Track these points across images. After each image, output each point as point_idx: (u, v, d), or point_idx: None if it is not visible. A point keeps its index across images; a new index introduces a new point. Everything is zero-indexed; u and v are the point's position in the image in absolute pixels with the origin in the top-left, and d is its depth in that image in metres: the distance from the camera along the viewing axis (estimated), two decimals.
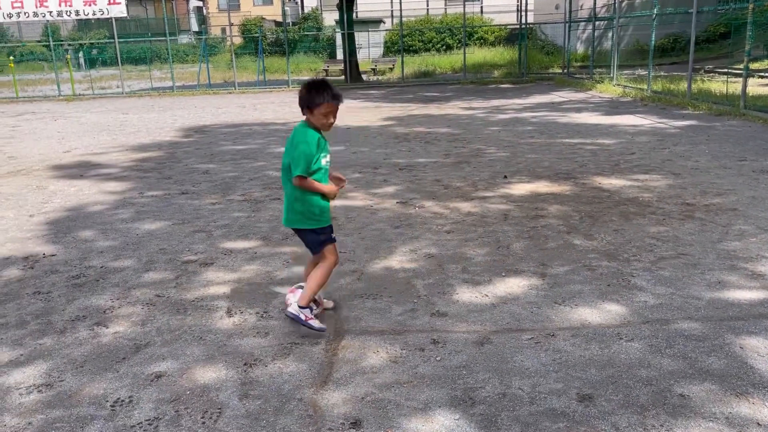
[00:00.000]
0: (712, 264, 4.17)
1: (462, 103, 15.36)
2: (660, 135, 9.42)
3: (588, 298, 3.74)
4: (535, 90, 17.97)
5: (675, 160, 7.53)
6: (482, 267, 4.33)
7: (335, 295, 3.92)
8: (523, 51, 21.81)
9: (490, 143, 9.38)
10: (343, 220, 5.56)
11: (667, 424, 2.49)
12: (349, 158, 8.57)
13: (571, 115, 12.12)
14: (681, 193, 6.01)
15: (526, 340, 3.24)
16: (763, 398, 2.62)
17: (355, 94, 19.20)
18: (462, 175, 7.26)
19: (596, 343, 3.17)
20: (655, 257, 4.35)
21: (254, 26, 34.60)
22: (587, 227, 5.10)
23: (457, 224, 5.34)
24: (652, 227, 5.02)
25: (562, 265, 4.30)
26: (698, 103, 11.96)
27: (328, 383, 2.91)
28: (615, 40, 16.81)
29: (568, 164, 7.60)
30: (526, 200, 6.03)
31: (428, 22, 32.79)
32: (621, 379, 2.83)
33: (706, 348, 3.06)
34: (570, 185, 6.55)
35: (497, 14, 32.39)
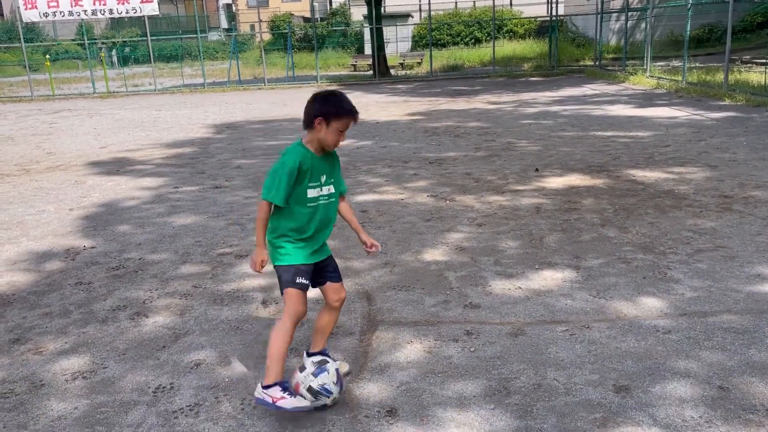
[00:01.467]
0: (751, 257, 4.09)
1: (491, 96, 15.25)
2: (696, 127, 9.24)
3: (623, 290, 3.71)
4: (566, 83, 17.74)
5: (711, 152, 7.38)
6: (515, 259, 4.31)
7: (368, 287, 3.95)
8: (554, 43, 21.53)
9: (521, 136, 9.31)
10: (374, 214, 5.58)
11: (706, 415, 2.46)
12: (378, 152, 8.59)
13: (603, 108, 11.95)
14: (718, 186, 5.89)
15: (560, 332, 3.23)
16: None
17: (384, 88, 19.21)
18: (493, 168, 7.23)
19: (632, 335, 3.14)
20: (692, 250, 4.28)
21: (283, 22, 34.81)
22: (622, 220, 5.04)
23: (488, 217, 5.32)
24: (689, 220, 4.94)
25: (596, 257, 4.26)
26: (735, 95, 11.68)
27: (363, 372, 2.94)
28: (648, 30, 16.48)
29: (601, 157, 7.51)
30: (558, 193, 5.98)
31: (457, 15, 32.59)
32: (658, 371, 2.80)
33: (746, 341, 3.01)
34: (603, 178, 6.47)
35: (527, 6, 32.01)
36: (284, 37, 28.58)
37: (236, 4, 50.20)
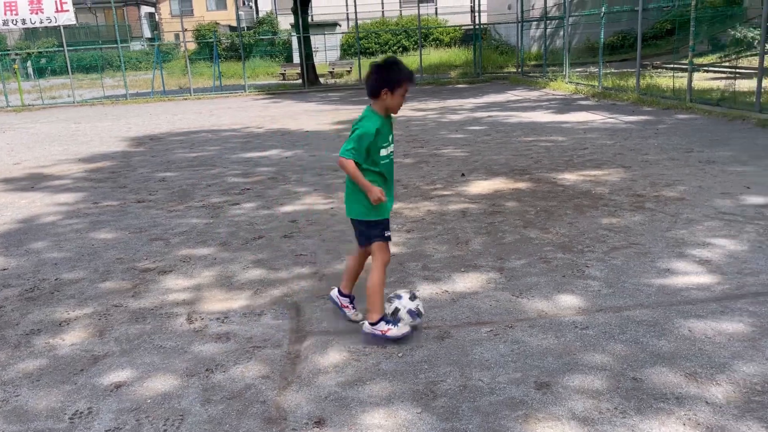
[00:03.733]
0: (662, 252, 4.32)
1: (419, 103, 15.48)
2: (611, 130, 9.69)
3: (544, 289, 3.84)
4: (491, 89, 18.23)
5: (626, 154, 7.76)
6: (442, 264, 4.39)
7: (296, 298, 3.92)
8: (478, 51, 22.11)
9: (448, 142, 9.49)
10: (303, 223, 5.55)
11: (621, 406, 2.58)
12: (308, 161, 8.55)
13: (525, 113, 12.36)
14: (632, 185, 6.20)
15: (485, 333, 3.31)
16: (710, 378, 2.74)
17: (313, 97, 19.16)
18: (421, 174, 7.34)
19: (552, 333, 3.26)
20: (607, 248, 4.48)
21: (208, 31, 34.15)
22: (543, 221, 5.22)
23: (416, 223, 5.39)
24: (605, 219, 5.17)
25: (519, 258, 4.40)
26: (647, 98, 12.33)
27: (291, 384, 2.91)
28: (566, 38, 17.18)
29: (524, 161, 7.75)
30: (484, 197, 6.13)
31: (384, 24, 32.93)
32: (577, 366, 2.92)
33: (657, 332, 3.18)
34: (526, 181, 6.68)
35: (451, 15, 32.74)
36: (210, 46, 28.04)
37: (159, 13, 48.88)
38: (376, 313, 3.17)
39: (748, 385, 2.66)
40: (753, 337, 3.06)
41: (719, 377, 2.73)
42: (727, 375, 2.74)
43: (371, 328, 3.18)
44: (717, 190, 5.81)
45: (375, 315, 3.17)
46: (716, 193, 5.71)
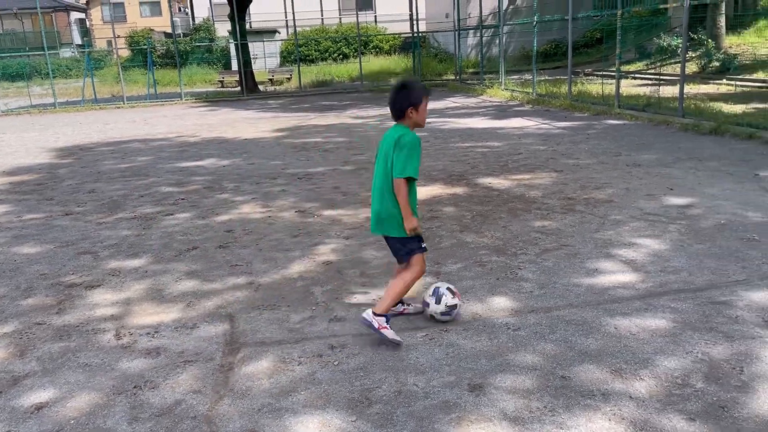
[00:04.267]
0: (590, 253, 4.46)
1: (359, 111, 15.52)
2: (544, 135, 9.96)
3: (479, 292, 3.90)
4: (431, 96, 18.44)
5: (558, 159, 7.99)
6: (380, 270, 4.39)
7: (230, 309, 3.84)
8: (417, 59, 22.37)
9: None
10: (240, 233, 5.46)
11: (550, 405, 2.64)
12: (245, 170, 8.43)
13: (463, 120, 12.57)
14: (563, 189, 6.38)
15: (420, 338, 3.33)
16: (634, 373, 2.84)
17: (252, 104, 18.92)
18: (361, 181, 7.34)
19: (486, 335, 3.31)
20: (539, 250, 4.60)
21: (142, 38, 33.25)
22: (478, 225, 5.31)
23: (355, 230, 5.39)
24: (537, 222, 5.30)
25: (455, 262, 4.45)
26: (579, 104, 12.76)
27: (223, 398, 2.85)
28: (501, 46, 17.61)
29: (461, 167, 7.87)
30: (422, 203, 6.18)
31: (323, 31, 32.88)
32: (509, 366, 2.97)
33: (585, 331, 3.28)
34: (463, 186, 6.79)
35: (390, 23, 33.02)
36: (144, 53, 27.31)
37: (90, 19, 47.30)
38: (382, 309, 3.27)
39: (670, 379, 2.77)
40: (674, 332, 3.19)
41: (643, 372, 2.84)
42: (650, 370, 2.85)
43: (372, 318, 3.24)
44: (642, 191, 6.05)
45: (380, 309, 3.27)
46: (642, 194, 5.94)
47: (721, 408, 2.53)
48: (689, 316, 3.36)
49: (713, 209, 5.29)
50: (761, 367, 2.81)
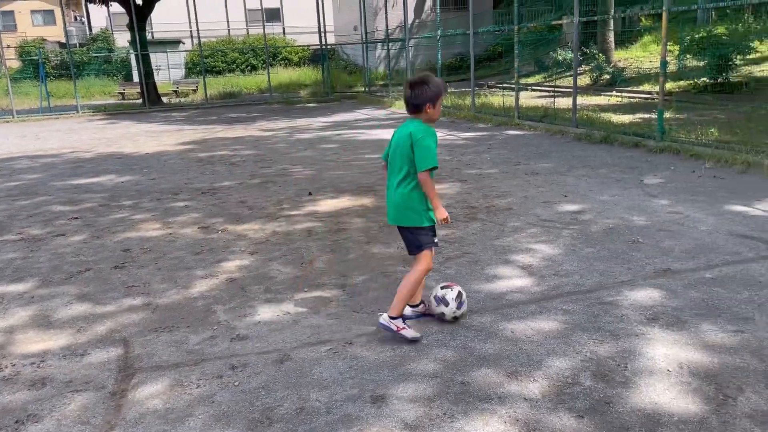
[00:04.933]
0: (490, 259, 4.61)
1: (268, 123, 15.33)
2: (450, 146, 10.23)
3: (384, 303, 3.92)
4: (340, 108, 18.53)
5: (462, 169, 8.22)
6: (285, 285, 4.34)
7: (124, 333, 3.66)
8: (326, 71, 22.41)
9: (296, 162, 9.47)
10: (137, 252, 5.23)
11: (450, 411, 2.69)
12: (146, 186, 8.10)
13: (372, 132, 12.69)
14: (467, 198, 6.57)
15: (325, 352, 3.31)
16: (528, 376, 2.95)
17: (155, 117, 18.25)
18: (267, 195, 7.24)
19: (389, 345, 3.34)
20: (443, 258, 4.70)
21: (34, 48, 31.33)
22: (385, 236, 5.36)
23: (261, 245, 5.30)
24: (442, 231, 5.42)
25: (361, 274, 4.47)
26: (482, 116, 13.21)
27: (114, 428, 2.70)
28: (408, 59, 17.97)
29: (370, 178, 7.94)
30: (330, 215, 6.18)
31: (230, 42, 32.29)
32: (411, 375, 3.01)
33: (484, 336, 3.37)
34: (371, 198, 6.84)
35: (299, 35, 32.94)
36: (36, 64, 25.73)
37: None
38: (397, 311, 3.38)
39: (561, 379, 2.90)
40: (565, 333, 3.35)
41: (536, 374, 2.95)
42: (543, 371, 2.97)
43: (389, 321, 3.36)
44: (540, 199, 6.33)
45: (395, 311, 3.38)
46: (539, 202, 6.22)
47: (607, 404, 2.68)
48: (579, 317, 3.54)
49: (603, 214, 5.62)
50: (643, 363, 3.00)
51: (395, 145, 3.40)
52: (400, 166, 3.35)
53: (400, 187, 3.36)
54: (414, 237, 3.43)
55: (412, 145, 3.26)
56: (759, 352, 3.04)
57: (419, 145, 3.24)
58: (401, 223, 3.45)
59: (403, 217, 3.41)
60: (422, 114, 3.33)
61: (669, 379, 2.84)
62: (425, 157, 3.23)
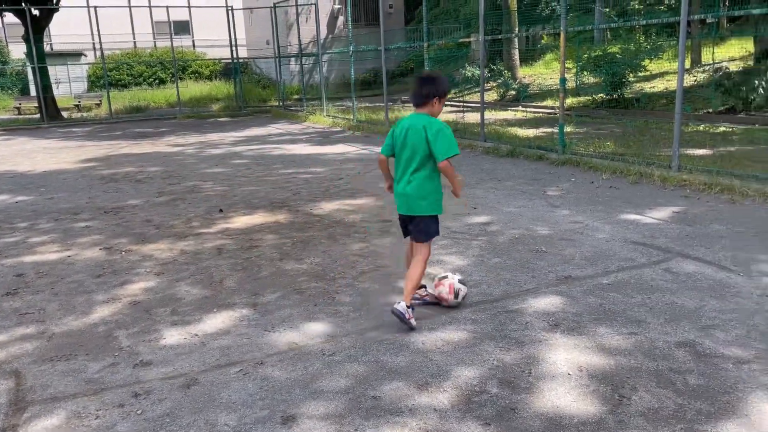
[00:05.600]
0: (403, 272, 4.63)
1: (178, 138, 14.88)
2: (365, 160, 10.31)
3: (296, 320, 3.88)
4: (253, 123, 18.27)
5: (377, 183, 8.29)
6: (193, 306, 4.20)
7: (16, 364, 3.42)
8: (239, 85, 22.05)
9: (207, 178, 9.23)
10: (32, 276, 4.91)
11: (361, 427, 2.69)
12: (43, 206, 7.63)
13: (287, 146, 12.59)
14: (381, 212, 6.63)
15: (234, 374, 3.22)
16: (438, 386, 3.00)
17: (54, 133, 17.28)
18: (176, 213, 7.01)
19: (302, 363, 3.30)
20: (357, 273, 4.71)
21: None
22: (299, 252, 5.31)
23: (168, 265, 5.11)
24: (356, 245, 5.44)
25: (273, 292, 4.40)
26: None
27: None
28: (322, 74, 18.00)
29: (283, 193, 7.85)
30: (241, 232, 6.05)
31: (136, 55, 31.13)
32: (323, 393, 2.98)
33: (395, 349, 3.40)
34: (284, 213, 6.77)
35: (210, 48, 32.25)
36: None
37: None
38: (409, 299, 3.60)
39: (469, 388, 2.97)
40: (473, 343, 3.44)
41: (446, 384, 3.01)
42: (452, 381, 3.03)
43: (404, 309, 3.55)
44: (450, 211, 6.46)
45: (408, 299, 3.59)
46: (450, 214, 6.35)
47: (512, 410, 2.76)
48: (487, 325, 3.64)
49: (509, 225, 5.83)
50: (546, 368, 3.12)
51: (405, 138, 3.55)
52: (411, 158, 3.54)
53: (414, 178, 3.56)
54: (426, 225, 3.65)
55: (427, 137, 3.44)
56: (651, 352, 3.24)
57: (440, 135, 3.44)
58: (415, 213, 3.63)
59: (417, 206, 3.61)
60: (428, 107, 3.55)
61: (569, 382, 2.97)
62: (448, 145, 3.45)
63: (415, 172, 3.53)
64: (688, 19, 7.26)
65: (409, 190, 3.59)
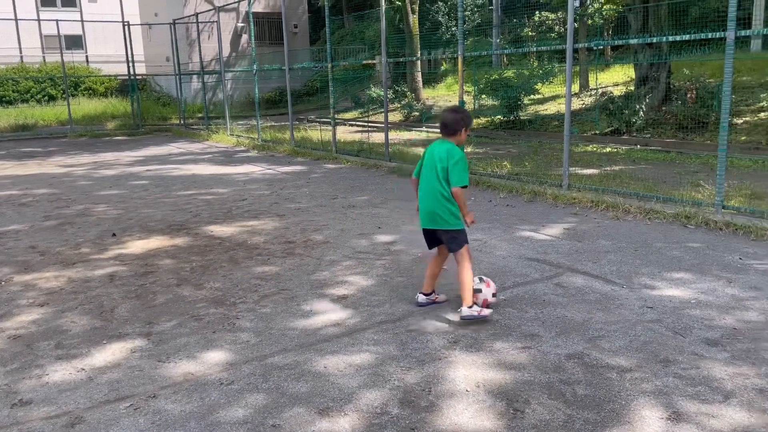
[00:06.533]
0: (306, 295, 4.62)
1: (68, 158, 14.04)
2: (269, 180, 10.17)
3: (193, 349, 3.74)
4: (152, 142, 17.58)
5: (281, 203, 8.20)
6: (80, 338, 3.95)
7: None
8: (136, 102, 21.19)
9: (99, 201, 8.76)
10: None
11: None
12: None
13: (187, 166, 12.20)
14: (285, 233, 6.55)
15: (124, 410, 3.05)
16: (339, 410, 2.97)
17: None
18: (64, 238, 6.58)
19: (198, 395, 3.17)
20: (258, 296, 4.61)
21: None
22: (198, 277, 5.13)
23: (53, 295, 4.78)
24: (258, 268, 5.33)
25: (169, 320, 4.22)
26: (301, 150, 13.35)
27: None
28: (225, 92, 17.66)
29: (183, 216, 7.58)
30: (136, 258, 5.77)
31: (23, 70, 29.20)
32: (219, 424, 2.88)
33: (296, 374, 3.35)
34: (183, 237, 6.53)
35: (105, 64, 30.81)
36: None
37: None
38: (468, 299, 3.93)
39: (371, 410, 2.96)
40: (376, 364, 3.44)
41: (347, 407, 2.99)
42: (353, 404, 3.02)
43: (469, 311, 3.90)
44: (355, 231, 6.51)
45: (468, 300, 3.92)
46: (355, 234, 6.39)
47: (412, 430, 2.78)
48: (389, 346, 3.67)
49: (412, 244, 5.92)
50: (445, 386, 3.18)
51: (430, 162, 4.07)
52: (435, 180, 4.03)
53: (439, 197, 4.03)
54: (453, 236, 4.09)
55: (448, 163, 3.96)
56: (543, 365, 3.38)
57: (458, 165, 3.96)
58: (442, 227, 4.09)
59: (443, 222, 4.07)
60: (456, 137, 4.08)
61: (467, 399, 3.04)
62: (461, 176, 3.96)
63: (441, 193, 4.01)
64: (575, 46, 7.75)
65: (436, 207, 4.06)
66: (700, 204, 6.56)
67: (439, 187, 4.01)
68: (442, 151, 4.02)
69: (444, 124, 4.10)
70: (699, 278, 4.70)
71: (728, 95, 6.17)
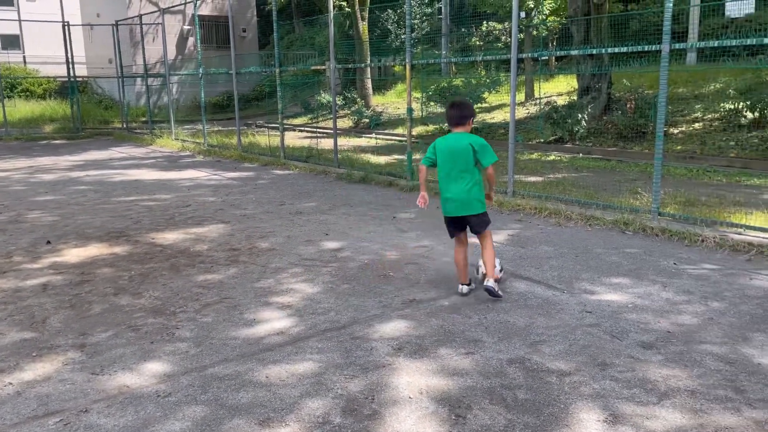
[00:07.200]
0: (250, 303, 4.53)
1: (3, 163, 13.42)
2: (215, 186, 9.97)
3: (130, 360, 3.60)
4: (92, 146, 17.01)
5: (226, 210, 8.04)
6: (9, 351, 3.76)
7: None
8: (76, 105, 20.47)
9: (34, 207, 8.39)
10: None
11: None
12: None
13: (130, 171, 11.84)
14: (229, 240, 6.42)
15: (53, 425, 2.91)
16: (281, 421, 2.92)
17: None
18: None
19: (133, 408, 3.06)
20: (200, 305, 4.50)
21: None
22: (136, 286, 4.97)
23: None
24: (200, 276, 5.20)
25: (105, 330, 4.06)
26: (248, 155, 13.17)
27: None
28: (170, 96, 17.26)
29: (123, 222, 7.35)
30: (72, 266, 5.55)
31: None
32: None
33: (237, 385, 3.27)
34: (123, 244, 6.32)
35: (43, 65, 29.68)
36: None
37: None
38: (494, 274, 4.46)
39: (312, 420, 2.92)
40: (319, 372, 3.40)
41: (288, 417, 2.93)
42: (295, 414, 2.97)
43: (494, 285, 4.40)
44: (302, 238, 6.44)
45: (493, 275, 4.45)
46: (302, 241, 6.32)
47: None
48: (333, 354, 3.63)
49: (360, 250, 5.90)
50: (389, 393, 3.16)
51: (453, 154, 4.41)
52: (463, 170, 4.39)
53: (468, 185, 4.40)
54: (482, 219, 4.51)
55: (474, 151, 4.34)
56: (485, 370, 3.41)
57: (485, 148, 4.37)
58: (472, 212, 4.46)
59: (473, 207, 4.45)
60: (467, 126, 4.50)
61: (410, 406, 3.03)
62: (492, 154, 4.37)
63: (469, 181, 4.39)
64: (520, 56, 7.91)
65: (465, 195, 4.42)
66: (638, 211, 6.79)
67: (469, 175, 4.40)
68: (464, 141, 4.40)
69: (453, 117, 4.50)
70: (636, 283, 4.85)
71: (664, 106, 6.42)
